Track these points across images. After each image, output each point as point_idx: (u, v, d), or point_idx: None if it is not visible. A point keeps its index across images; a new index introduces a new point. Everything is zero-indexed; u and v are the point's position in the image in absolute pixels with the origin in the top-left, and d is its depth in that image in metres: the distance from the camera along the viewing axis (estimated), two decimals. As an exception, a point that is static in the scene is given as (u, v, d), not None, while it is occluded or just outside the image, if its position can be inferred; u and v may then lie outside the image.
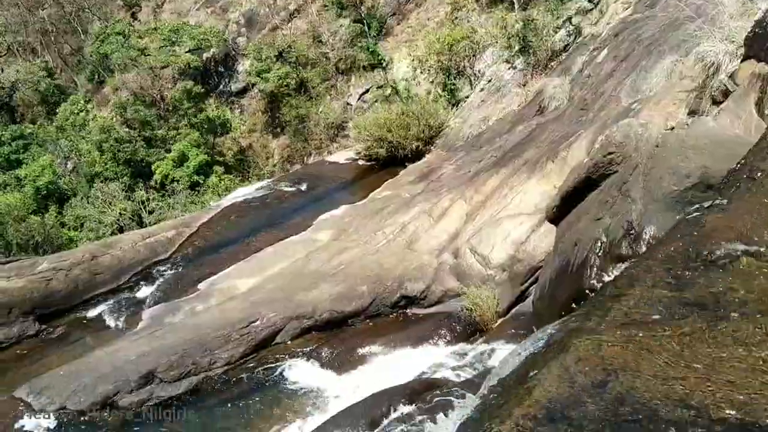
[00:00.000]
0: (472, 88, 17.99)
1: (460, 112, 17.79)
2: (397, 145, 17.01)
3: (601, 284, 7.33)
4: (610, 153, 8.21)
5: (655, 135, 7.94)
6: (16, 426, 8.99)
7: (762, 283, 3.03)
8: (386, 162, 17.32)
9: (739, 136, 7.96)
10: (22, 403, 9.37)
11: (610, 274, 7.31)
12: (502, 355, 8.45)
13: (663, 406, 2.26)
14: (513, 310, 10.44)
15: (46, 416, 9.09)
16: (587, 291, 7.52)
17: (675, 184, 7.25)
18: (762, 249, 3.36)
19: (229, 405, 9.39)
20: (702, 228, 3.80)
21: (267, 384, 9.84)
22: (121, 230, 21.46)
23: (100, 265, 12.65)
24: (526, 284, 10.53)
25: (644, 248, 7.09)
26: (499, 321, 10.28)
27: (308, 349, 10.49)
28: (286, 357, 10.33)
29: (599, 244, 7.62)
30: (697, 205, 7.18)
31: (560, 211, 9.01)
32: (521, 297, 10.53)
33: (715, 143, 7.43)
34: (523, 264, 10.65)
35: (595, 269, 7.54)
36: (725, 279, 3.12)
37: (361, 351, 10.26)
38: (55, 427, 8.89)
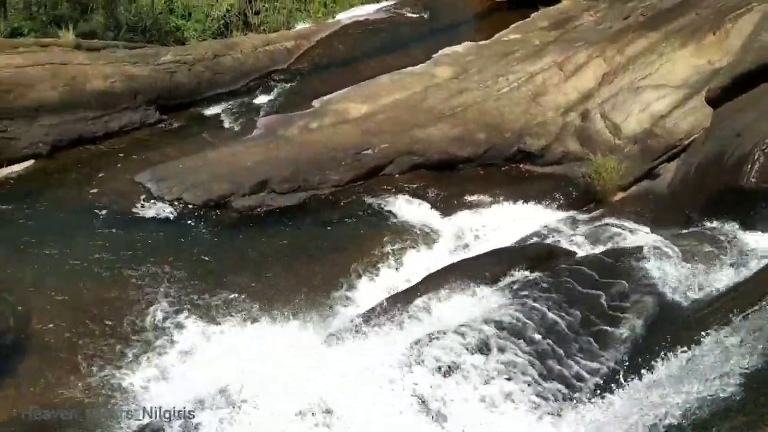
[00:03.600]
0: (628, -69, 16.00)
1: (609, -44, 16.02)
2: (534, -16, 15.64)
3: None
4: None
5: None
6: (138, 209, 9.39)
7: None
8: (518, 1, 16.05)
9: None
10: (142, 188, 9.75)
11: (776, 176, 6.74)
12: (626, 234, 8.23)
13: None
14: (636, 187, 9.98)
15: (165, 205, 9.45)
16: (743, 189, 7.02)
17: None
18: None
19: (335, 224, 9.46)
20: None
21: (372, 211, 9.83)
22: (226, 26, 21.16)
23: (221, 65, 12.53)
24: (657, 162, 9.95)
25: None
26: (620, 195, 9.88)
27: (416, 186, 10.37)
28: (394, 190, 10.25)
29: (768, 141, 6.95)
30: None
31: (726, 93, 8.19)
32: (648, 174, 10.01)
33: None
34: (658, 140, 10.01)
35: (756, 167, 6.93)
36: None
37: (469, 198, 10.11)
38: (174, 218, 9.24)
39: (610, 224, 8.66)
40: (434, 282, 6.72)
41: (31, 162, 10.49)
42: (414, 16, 15.76)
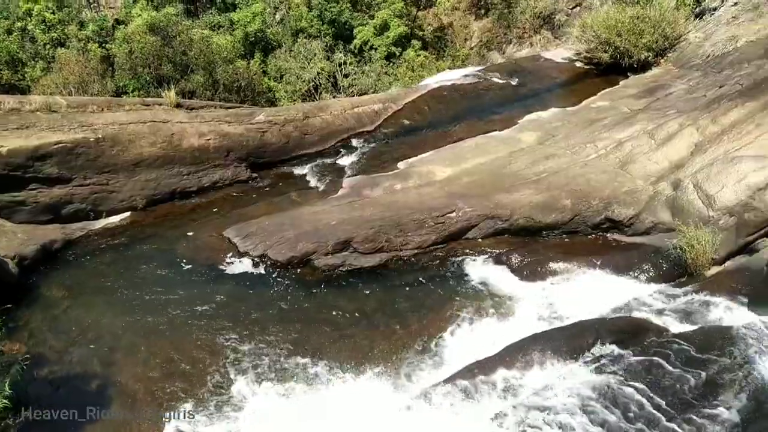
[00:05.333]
0: (723, 0, 15.78)
1: (703, 25, 15.77)
2: (624, 52, 15.46)
3: None
4: None
5: None
6: (224, 264, 9.65)
7: None
8: (607, 69, 15.92)
9: None
10: (229, 243, 10.04)
11: None
12: (721, 312, 7.78)
13: None
14: (732, 261, 9.48)
15: (250, 260, 9.67)
16: None
17: None
18: None
19: (415, 286, 9.41)
20: None
21: (452, 275, 9.73)
22: (316, 89, 22.01)
23: (310, 126, 12.99)
24: (755, 236, 9.45)
25: None
26: (714, 269, 9.40)
27: (498, 251, 10.20)
28: (476, 254, 10.14)
29: None
30: None
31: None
32: (745, 249, 9.50)
33: None
34: (756, 213, 9.52)
35: None
36: None
37: (553, 265, 9.83)
38: (259, 274, 9.44)
39: (703, 300, 8.25)
40: (516, 352, 6.55)
41: (127, 213, 11.06)
42: (501, 81, 15.87)
